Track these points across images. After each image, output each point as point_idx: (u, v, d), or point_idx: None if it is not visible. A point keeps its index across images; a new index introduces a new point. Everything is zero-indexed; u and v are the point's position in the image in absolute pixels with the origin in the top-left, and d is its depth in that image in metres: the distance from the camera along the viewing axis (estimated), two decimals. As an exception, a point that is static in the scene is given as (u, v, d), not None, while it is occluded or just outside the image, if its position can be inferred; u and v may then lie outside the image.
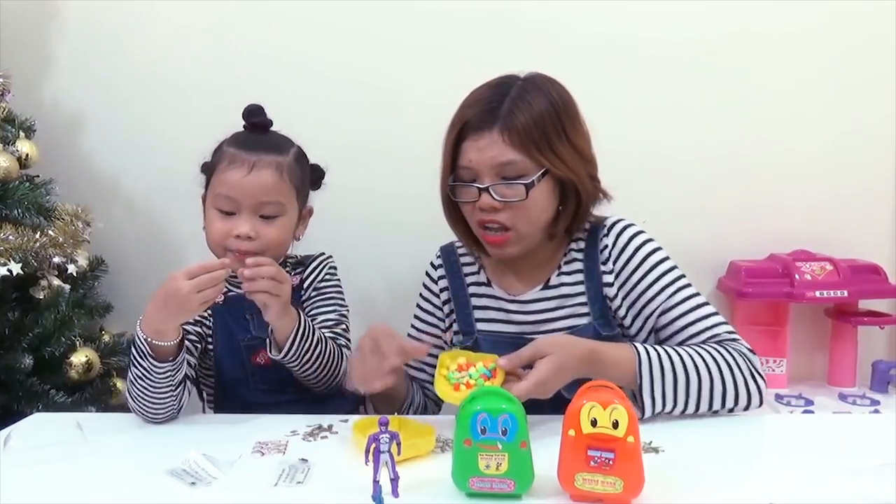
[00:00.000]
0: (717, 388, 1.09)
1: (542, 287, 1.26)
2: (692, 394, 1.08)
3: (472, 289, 1.32)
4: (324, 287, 1.35)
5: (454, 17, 1.83)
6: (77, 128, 1.94)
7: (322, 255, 1.39)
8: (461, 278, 1.33)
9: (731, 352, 1.12)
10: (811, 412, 1.65)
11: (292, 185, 1.25)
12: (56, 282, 1.63)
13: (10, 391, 1.54)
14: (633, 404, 0.80)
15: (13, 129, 1.68)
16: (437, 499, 0.84)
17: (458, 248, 1.36)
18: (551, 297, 1.25)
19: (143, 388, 1.11)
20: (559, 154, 1.15)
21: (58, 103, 1.93)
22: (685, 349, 1.12)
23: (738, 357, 1.12)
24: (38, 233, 1.54)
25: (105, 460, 1.00)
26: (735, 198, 1.87)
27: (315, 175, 1.35)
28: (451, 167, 1.19)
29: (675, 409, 1.09)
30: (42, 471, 0.95)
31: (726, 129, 1.85)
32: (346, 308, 1.36)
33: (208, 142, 1.28)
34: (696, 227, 1.86)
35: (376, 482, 0.80)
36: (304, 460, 0.96)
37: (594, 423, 0.79)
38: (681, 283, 1.21)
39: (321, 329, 1.24)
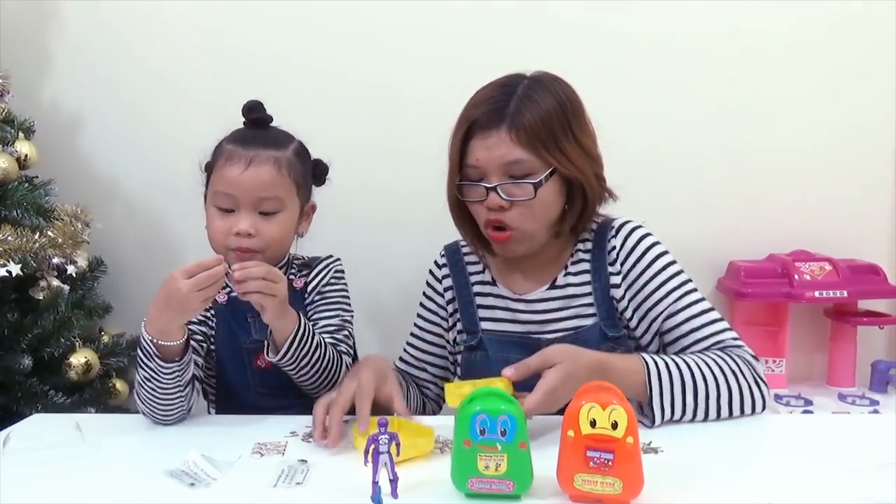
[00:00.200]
0: (723, 397, 1.09)
1: (548, 287, 1.26)
2: (700, 403, 1.08)
3: (476, 288, 1.32)
4: (328, 291, 1.32)
5: (457, 15, 1.84)
6: (76, 128, 1.94)
7: (329, 257, 1.36)
8: (465, 277, 1.33)
9: (736, 359, 1.13)
10: (810, 412, 1.65)
11: (292, 180, 1.23)
12: (55, 282, 1.63)
13: (9, 392, 1.54)
14: (639, 415, 0.79)
15: (12, 130, 1.68)
16: (437, 499, 0.84)
17: (462, 248, 1.36)
18: (557, 297, 1.25)
19: (151, 389, 1.11)
20: (566, 153, 1.15)
21: (57, 104, 1.93)
22: (692, 358, 1.12)
23: (742, 364, 1.12)
24: (38, 233, 1.54)
25: (104, 461, 1.00)
26: (734, 198, 1.87)
27: (318, 170, 1.32)
28: (459, 166, 1.19)
29: (684, 418, 1.09)
30: (41, 472, 0.95)
31: (725, 129, 1.86)
32: (350, 314, 1.33)
33: (208, 142, 1.27)
34: (696, 228, 1.87)
35: (375, 483, 0.80)
36: (304, 461, 0.96)
37: (593, 423, 0.78)
38: (687, 287, 1.22)
39: (322, 334, 1.22)
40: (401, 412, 1.06)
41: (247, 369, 1.27)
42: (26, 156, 1.67)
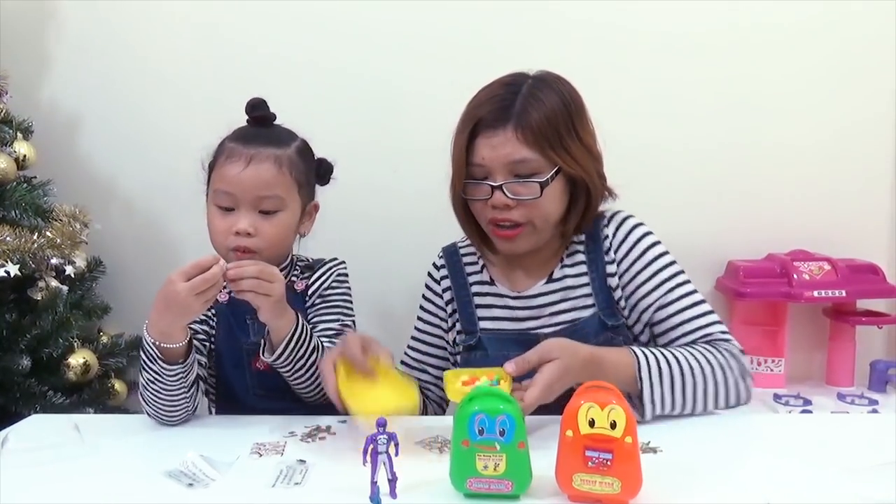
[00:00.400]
0: (710, 390, 1.11)
1: (545, 281, 1.27)
2: (688, 396, 1.10)
3: (475, 287, 1.32)
4: (329, 294, 1.29)
5: (457, 13, 1.84)
6: (75, 129, 1.93)
7: (333, 260, 1.34)
8: (464, 278, 1.34)
9: (724, 353, 1.15)
10: (809, 412, 1.65)
11: (293, 178, 1.21)
12: (54, 283, 1.63)
13: (7, 392, 1.53)
14: (630, 406, 0.81)
15: (10, 131, 1.68)
16: (435, 499, 0.84)
17: (460, 248, 1.37)
18: (555, 290, 1.26)
19: (156, 391, 1.10)
20: (571, 152, 1.16)
21: (55, 104, 1.93)
22: (681, 352, 1.13)
23: (729, 358, 1.15)
24: (36, 234, 1.54)
25: (103, 462, 1.00)
26: (733, 198, 1.87)
27: (322, 169, 1.30)
28: (464, 165, 1.18)
29: (673, 411, 1.10)
30: (40, 472, 0.95)
31: (724, 129, 1.86)
32: (351, 318, 1.30)
33: (207, 142, 1.26)
34: (694, 227, 1.87)
35: (374, 483, 0.80)
36: (302, 461, 0.96)
37: (592, 423, 0.78)
38: (679, 279, 1.22)
39: (321, 338, 1.21)
40: (384, 357, 1.05)
41: (245, 370, 1.26)
42: (25, 156, 1.66)
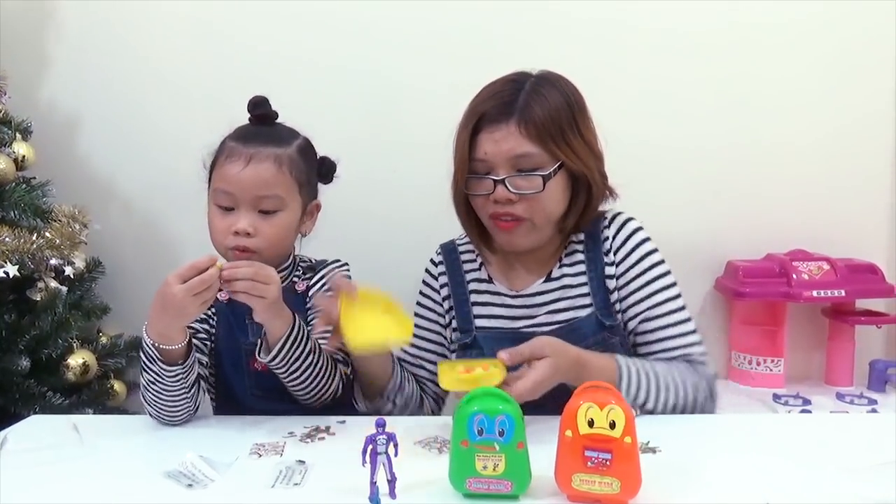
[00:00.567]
0: (678, 406, 1.17)
1: (544, 280, 1.27)
2: (658, 407, 1.15)
3: (472, 285, 1.33)
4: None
5: (457, 12, 1.83)
6: (74, 129, 1.93)
7: (336, 261, 1.33)
8: (461, 275, 1.34)
9: (698, 374, 1.20)
10: (808, 412, 1.65)
11: (293, 178, 1.19)
12: (53, 283, 1.63)
13: (6, 393, 1.53)
14: None
15: (9, 131, 1.67)
16: (435, 499, 0.84)
17: (458, 246, 1.37)
18: (553, 289, 1.26)
19: (157, 392, 1.10)
20: (573, 148, 1.17)
21: (54, 105, 1.92)
22: (661, 367, 1.18)
23: (702, 381, 1.21)
24: (35, 235, 1.54)
25: (102, 462, 1.00)
26: (732, 198, 1.87)
27: (325, 168, 1.28)
28: (467, 160, 1.19)
29: (638, 415, 1.13)
30: (39, 473, 0.95)
31: (723, 128, 1.86)
32: None
33: (206, 142, 1.25)
34: (693, 227, 1.87)
35: (373, 483, 0.80)
36: (302, 462, 0.96)
37: (591, 423, 0.79)
38: (669, 293, 1.24)
39: (320, 340, 1.19)
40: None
41: (244, 370, 1.25)
42: (24, 157, 1.66)
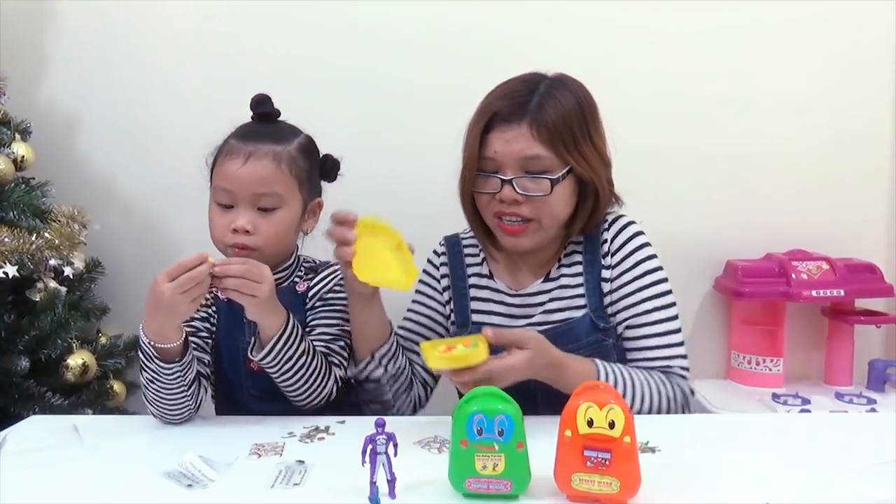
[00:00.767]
0: (651, 414, 1.17)
1: (542, 280, 1.28)
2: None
3: (472, 280, 1.33)
4: (330, 298, 1.27)
5: (457, 11, 1.83)
6: (73, 130, 1.93)
7: (339, 263, 1.32)
8: (462, 269, 1.34)
9: (674, 387, 1.21)
10: (808, 411, 1.65)
11: (293, 175, 1.19)
12: (52, 284, 1.63)
13: (6, 394, 1.53)
14: None
15: (9, 132, 1.67)
16: (434, 499, 0.84)
17: (462, 239, 1.37)
18: (551, 289, 1.27)
19: (156, 391, 1.11)
20: (583, 153, 1.17)
21: (53, 105, 1.92)
22: (639, 375, 1.18)
23: (678, 393, 1.21)
24: (34, 235, 1.53)
25: (101, 463, 1.00)
26: (731, 197, 1.88)
27: (327, 166, 1.28)
28: (476, 157, 1.19)
29: None
30: (38, 473, 0.95)
31: (722, 128, 1.86)
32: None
33: (205, 142, 1.26)
34: (693, 227, 1.87)
35: (373, 483, 0.80)
36: (301, 462, 0.96)
37: (590, 423, 0.79)
38: (658, 301, 1.23)
39: (316, 342, 1.20)
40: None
41: (241, 370, 1.25)
42: (23, 157, 1.66)
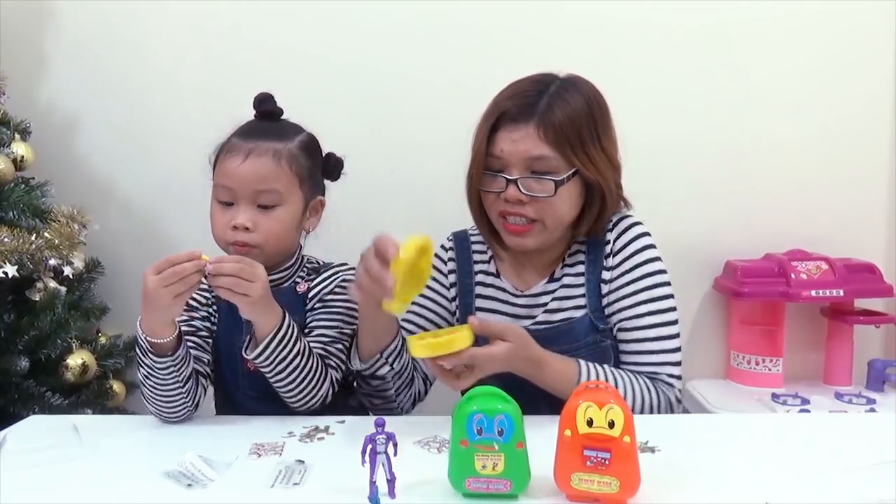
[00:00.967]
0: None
1: (547, 280, 1.28)
2: None
3: (479, 277, 1.33)
4: (331, 300, 1.25)
5: (460, 11, 1.83)
6: (73, 129, 1.93)
7: (342, 265, 1.29)
8: (470, 265, 1.35)
9: (659, 394, 1.20)
10: (807, 411, 1.65)
11: (293, 173, 1.19)
12: (52, 284, 1.63)
13: (5, 394, 1.53)
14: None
15: (8, 131, 1.67)
16: (434, 499, 0.84)
17: (470, 236, 1.37)
18: (554, 289, 1.27)
19: (152, 386, 1.11)
20: (591, 156, 1.17)
21: (53, 105, 1.92)
22: (624, 378, 1.18)
23: (663, 402, 1.20)
24: (34, 235, 1.53)
25: (101, 463, 1.00)
26: (730, 198, 1.88)
27: (330, 165, 1.28)
28: (484, 155, 1.19)
29: None
30: (38, 473, 0.95)
31: (722, 129, 1.86)
32: (351, 328, 1.24)
33: (205, 142, 1.25)
34: (692, 228, 1.87)
35: (373, 483, 0.80)
36: (301, 461, 0.96)
37: (590, 423, 0.79)
38: (653, 306, 1.22)
39: (314, 343, 1.19)
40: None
41: (238, 370, 1.24)
42: (22, 157, 1.66)
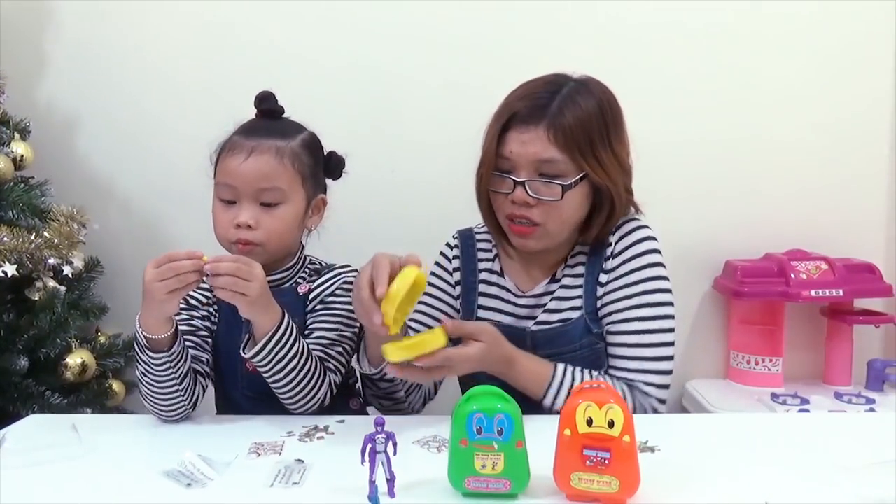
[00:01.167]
0: None
1: (549, 281, 1.28)
2: None
3: (483, 275, 1.33)
4: (332, 302, 1.24)
5: (460, 10, 1.83)
6: (72, 129, 1.93)
7: (345, 267, 1.29)
8: (474, 263, 1.35)
9: (635, 404, 1.19)
10: (807, 411, 1.65)
11: (296, 171, 1.19)
12: (51, 283, 1.63)
13: (5, 393, 1.53)
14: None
15: (8, 131, 1.68)
16: (433, 499, 0.84)
17: (476, 234, 1.37)
18: (555, 290, 1.27)
19: (149, 384, 1.11)
20: (600, 160, 1.16)
21: (53, 104, 1.92)
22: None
23: (638, 411, 1.18)
24: (33, 234, 1.53)
25: (100, 462, 1.00)
26: (730, 198, 1.88)
27: (332, 163, 1.27)
28: (493, 155, 1.19)
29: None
30: (37, 473, 0.95)
31: (721, 129, 1.86)
32: (352, 330, 1.23)
33: (205, 142, 1.25)
34: (692, 227, 1.87)
35: (372, 482, 0.80)
36: (300, 461, 0.96)
37: (590, 422, 0.79)
38: (645, 312, 1.20)
39: (314, 345, 1.18)
40: (415, 261, 1.02)
41: (237, 369, 1.24)
42: (22, 156, 1.66)
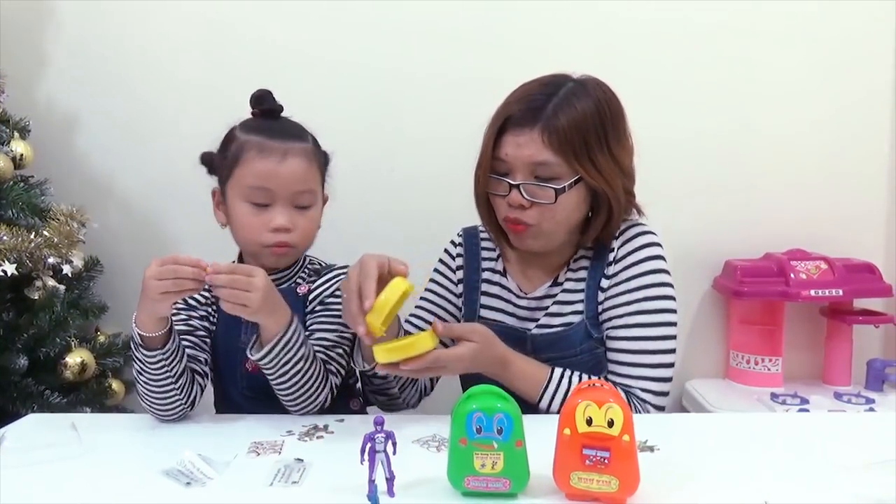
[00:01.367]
0: None
1: (551, 284, 1.28)
2: None
3: (485, 274, 1.33)
4: (331, 303, 1.23)
5: (460, 9, 1.83)
6: (72, 128, 1.93)
7: (345, 267, 1.27)
8: (477, 262, 1.35)
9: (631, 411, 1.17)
10: (806, 411, 1.65)
11: (319, 171, 1.22)
12: (51, 282, 1.63)
13: (4, 392, 1.53)
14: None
15: (7, 130, 1.67)
16: (433, 498, 0.84)
17: (480, 233, 1.37)
18: (556, 294, 1.27)
19: (145, 382, 1.11)
20: (597, 164, 1.15)
21: (52, 103, 1.92)
22: None
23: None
24: (33, 233, 1.53)
25: (100, 461, 1.00)
26: (730, 197, 1.88)
27: (328, 160, 1.29)
28: (490, 157, 1.19)
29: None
30: (37, 472, 0.95)
31: (721, 128, 1.86)
32: (351, 331, 1.20)
33: (204, 142, 1.25)
34: (692, 227, 1.88)
35: (372, 481, 0.80)
36: (300, 460, 0.96)
37: (589, 421, 0.79)
38: (645, 318, 1.20)
39: (315, 346, 1.18)
40: (402, 272, 1.03)
41: (236, 369, 1.24)
42: (22, 155, 1.66)
